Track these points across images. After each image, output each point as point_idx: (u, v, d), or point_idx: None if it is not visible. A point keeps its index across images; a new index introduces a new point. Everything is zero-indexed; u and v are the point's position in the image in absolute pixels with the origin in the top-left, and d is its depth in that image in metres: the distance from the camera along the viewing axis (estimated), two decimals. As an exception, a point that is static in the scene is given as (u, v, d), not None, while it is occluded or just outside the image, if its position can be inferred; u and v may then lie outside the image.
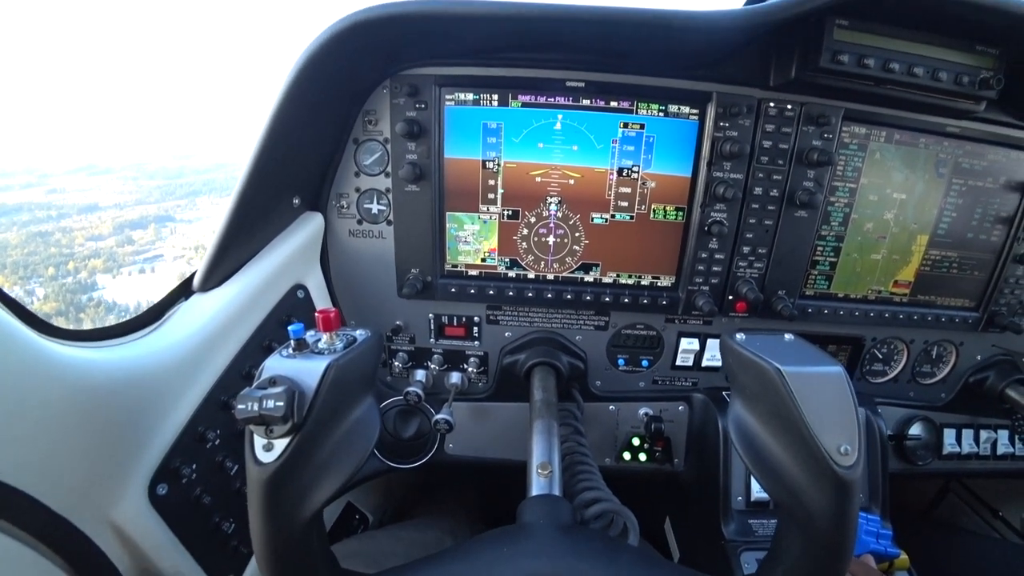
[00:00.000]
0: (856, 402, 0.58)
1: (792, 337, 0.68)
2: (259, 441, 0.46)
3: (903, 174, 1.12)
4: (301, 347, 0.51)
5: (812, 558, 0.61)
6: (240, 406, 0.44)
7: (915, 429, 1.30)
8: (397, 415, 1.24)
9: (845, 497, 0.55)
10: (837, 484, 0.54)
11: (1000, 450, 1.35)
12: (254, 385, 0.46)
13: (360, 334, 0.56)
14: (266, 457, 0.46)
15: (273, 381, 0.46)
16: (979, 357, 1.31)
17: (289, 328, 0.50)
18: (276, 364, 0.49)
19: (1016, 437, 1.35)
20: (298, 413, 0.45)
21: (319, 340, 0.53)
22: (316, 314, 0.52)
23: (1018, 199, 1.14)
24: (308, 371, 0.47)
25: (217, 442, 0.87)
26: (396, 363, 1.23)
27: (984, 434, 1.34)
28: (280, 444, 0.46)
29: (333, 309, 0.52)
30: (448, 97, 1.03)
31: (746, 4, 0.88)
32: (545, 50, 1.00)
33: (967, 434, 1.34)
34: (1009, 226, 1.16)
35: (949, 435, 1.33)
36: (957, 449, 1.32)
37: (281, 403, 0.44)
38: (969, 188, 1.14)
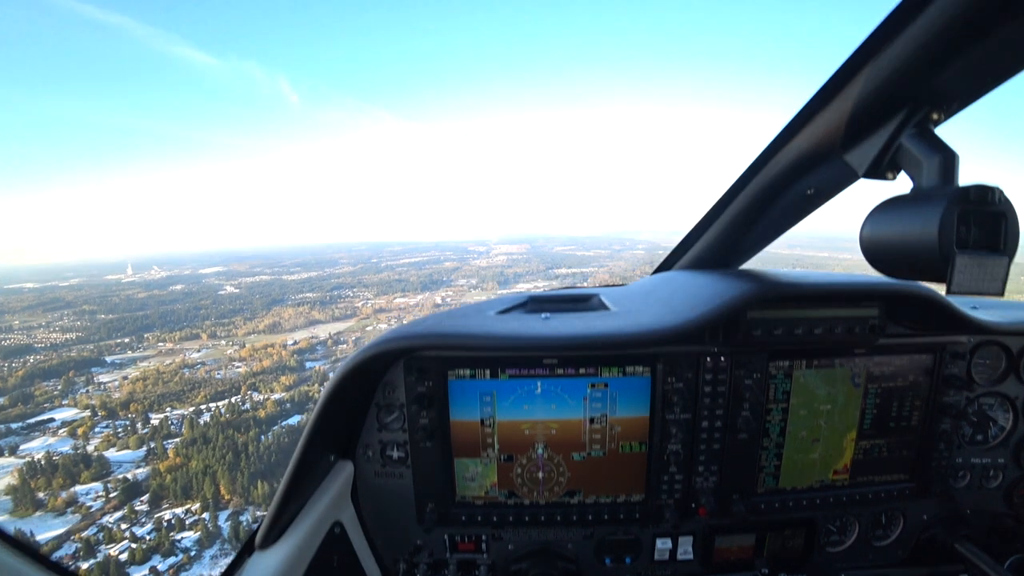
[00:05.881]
0: None
1: None
2: None
3: (825, 390, 1.36)
4: None
5: None
6: None
7: None
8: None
9: None
10: None
11: None
12: None
13: None
14: None
15: None
16: (925, 516, 1.50)
17: None
18: None
19: None
20: None
21: None
22: None
23: (927, 388, 1.38)
24: None
25: None
26: (417, 574, 1.44)
27: None
28: None
29: None
30: (451, 372, 1.30)
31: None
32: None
33: None
34: (923, 410, 1.39)
35: None
36: None
37: None
38: (883, 389, 1.38)
